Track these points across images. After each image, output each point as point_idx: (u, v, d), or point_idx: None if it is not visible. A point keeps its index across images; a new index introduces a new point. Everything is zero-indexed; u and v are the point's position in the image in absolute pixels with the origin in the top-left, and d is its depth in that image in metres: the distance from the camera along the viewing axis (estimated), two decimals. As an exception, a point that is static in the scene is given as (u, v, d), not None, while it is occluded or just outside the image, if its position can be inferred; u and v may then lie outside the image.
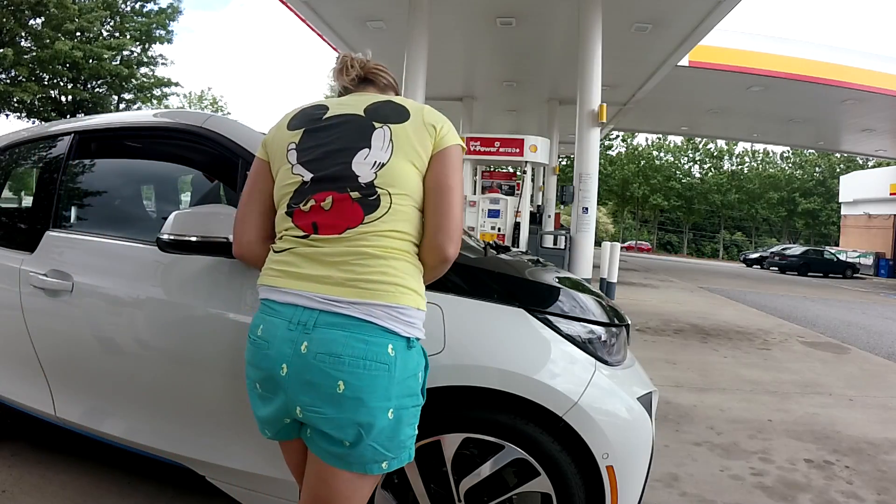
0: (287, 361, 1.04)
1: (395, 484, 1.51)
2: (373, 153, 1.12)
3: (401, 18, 7.99)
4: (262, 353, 1.09)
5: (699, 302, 9.53)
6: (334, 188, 1.10)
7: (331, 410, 1.02)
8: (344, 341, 1.01)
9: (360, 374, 1.01)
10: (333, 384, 1.01)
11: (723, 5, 7.85)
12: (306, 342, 1.03)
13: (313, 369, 1.02)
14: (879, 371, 4.99)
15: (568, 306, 1.55)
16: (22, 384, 1.96)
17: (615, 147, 39.84)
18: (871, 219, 26.27)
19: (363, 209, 1.09)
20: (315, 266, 1.08)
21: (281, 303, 1.09)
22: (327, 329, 1.03)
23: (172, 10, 21.73)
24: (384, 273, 1.06)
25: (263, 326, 1.10)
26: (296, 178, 1.14)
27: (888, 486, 2.50)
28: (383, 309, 1.04)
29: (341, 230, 1.08)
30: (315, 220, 1.10)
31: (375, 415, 1.02)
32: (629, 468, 1.45)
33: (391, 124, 1.15)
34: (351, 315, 1.03)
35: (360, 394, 1.01)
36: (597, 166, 7.41)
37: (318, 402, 1.02)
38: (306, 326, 1.04)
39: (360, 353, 1.01)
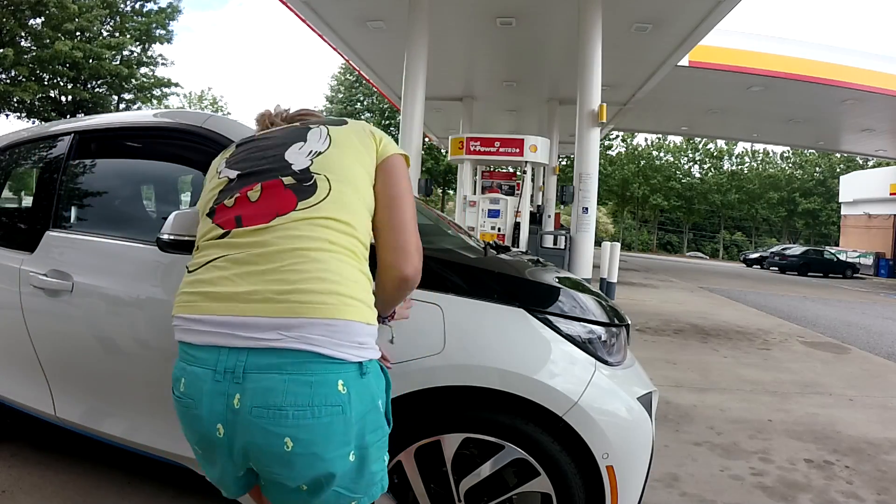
0: (221, 421, 0.86)
1: (395, 484, 1.51)
2: (309, 144, 1.01)
3: (401, 18, 7.99)
4: (190, 414, 0.90)
5: (699, 302, 9.53)
6: (265, 178, 0.98)
7: (283, 470, 0.86)
8: (283, 388, 0.82)
9: (309, 426, 0.83)
10: (279, 443, 0.83)
11: (723, 5, 7.84)
12: (238, 394, 0.84)
13: (252, 428, 0.84)
14: (879, 371, 4.99)
15: (568, 306, 1.55)
16: (22, 384, 1.96)
17: (615, 147, 39.82)
18: (871, 219, 26.27)
19: (296, 194, 0.93)
20: (234, 281, 0.88)
21: (199, 346, 0.89)
22: (260, 375, 0.83)
23: (172, 10, 21.73)
24: (321, 279, 0.87)
25: (186, 380, 0.90)
26: (221, 180, 1.03)
27: (888, 486, 2.50)
28: (322, 329, 0.84)
29: (269, 219, 0.91)
30: (239, 213, 0.94)
31: (335, 464, 0.86)
32: (629, 468, 1.45)
33: (329, 126, 1.08)
34: (285, 348, 0.83)
35: (312, 448, 0.84)
36: (597, 166, 7.41)
37: (267, 462, 0.86)
38: (235, 374, 0.84)
39: (304, 401, 0.82)
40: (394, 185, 1.04)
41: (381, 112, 35.06)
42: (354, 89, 35.71)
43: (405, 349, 1.43)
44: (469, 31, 9.61)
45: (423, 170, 11.56)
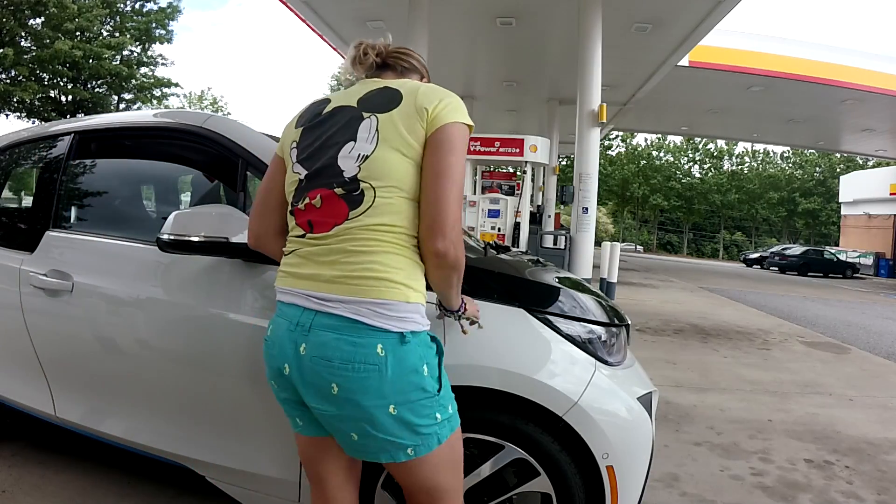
0: (289, 361, 1.08)
1: (394, 484, 1.50)
2: (357, 145, 1.08)
3: (401, 18, 7.98)
4: (269, 353, 1.13)
5: (699, 302, 9.53)
6: (323, 185, 1.10)
7: (331, 408, 1.05)
8: (334, 344, 1.02)
9: (349, 377, 1.02)
10: (328, 386, 1.03)
11: (723, 5, 7.85)
12: (304, 344, 1.05)
13: (309, 371, 1.05)
14: (879, 371, 4.99)
15: (568, 306, 1.55)
16: (22, 384, 1.96)
17: (615, 147, 39.82)
18: (871, 219, 26.28)
19: (348, 205, 1.07)
20: (310, 265, 1.09)
21: (286, 303, 1.12)
22: (321, 331, 1.04)
23: (172, 10, 21.71)
24: (369, 269, 1.04)
25: (272, 327, 1.14)
26: (295, 178, 1.16)
27: (888, 486, 2.50)
28: (369, 306, 1.03)
29: (330, 227, 1.08)
30: (310, 219, 1.11)
31: (373, 412, 1.03)
32: (629, 468, 1.45)
33: (378, 113, 1.10)
34: (341, 315, 1.04)
35: (351, 395, 1.02)
36: (597, 166, 7.41)
37: (320, 400, 1.06)
38: (304, 328, 1.06)
39: (348, 357, 1.02)
40: (439, 160, 1.06)
41: (381, 112, 34.97)
42: (354, 89, 35.63)
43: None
44: (469, 31, 9.62)
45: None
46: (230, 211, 1.49)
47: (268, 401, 1.56)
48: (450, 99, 1.11)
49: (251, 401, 1.58)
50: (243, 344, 1.55)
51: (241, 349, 1.55)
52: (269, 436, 1.57)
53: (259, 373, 1.54)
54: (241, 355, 1.56)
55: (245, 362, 1.55)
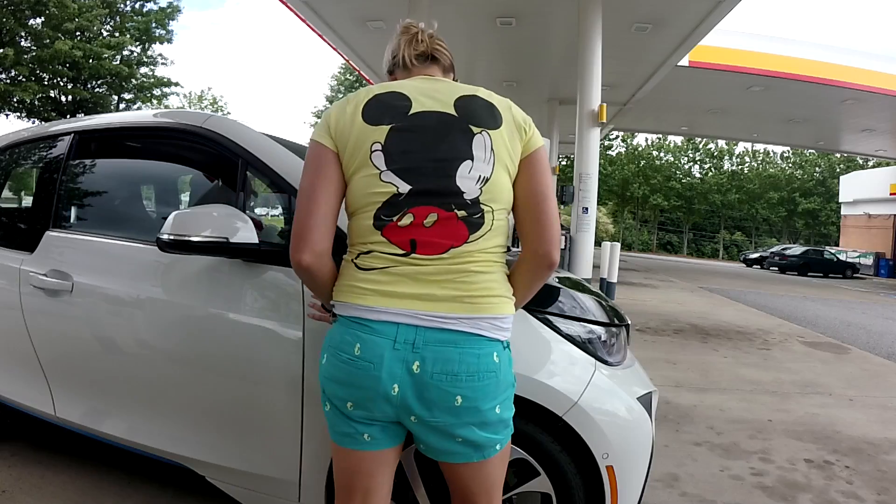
0: (399, 381, 1.03)
1: (394, 484, 1.50)
2: (476, 165, 1.04)
3: (401, 18, 7.98)
4: (364, 374, 1.03)
5: (699, 302, 9.53)
6: (439, 204, 1.03)
7: (448, 419, 1.04)
8: (459, 359, 1.02)
9: (475, 387, 1.03)
10: (451, 399, 1.03)
11: (723, 5, 7.85)
12: (418, 362, 1.02)
13: (430, 388, 1.02)
14: (879, 371, 4.99)
15: (568, 306, 1.55)
16: (22, 384, 1.96)
17: (615, 147, 39.81)
18: (871, 219, 26.27)
19: (468, 228, 1.05)
20: (415, 284, 1.04)
21: (377, 321, 1.04)
22: (439, 347, 1.02)
23: (172, 10, 21.71)
24: (488, 288, 1.06)
25: (361, 345, 1.04)
26: (387, 188, 1.03)
27: (888, 486, 2.50)
28: (490, 321, 1.05)
29: (444, 249, 1.03)
30: (414, 238, 1.03)
31: (487, 415, 1.06)
32: (629, 468, 1.45)
33: (489, 130, 1.06)
34: (460, 330, 1.03)
35: (475, 403, 1.04)
36: (597, 166, 7.41)
37: (436, 413, 1.04)
38: (413, 345, 1.02)
39: (474, 369, 1.03)
40: (540, 180, 1.11)
41: (381, 112, 34.96)
42: (354, 89, 35.63)
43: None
44: (469, 31, 9.62)
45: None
46: (229, 211, 1.49)
47: (268, 401, 1.56)
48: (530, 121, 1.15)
49: (251, 401, 1.58)
50: (243, 344, 1.55)
51: (241, 349, 1.56)
52: (269, 436, 1.57)
53: (259, 373, 1.55)
54: (241, 355, 1.56)
55: (245, 362, 1.56)
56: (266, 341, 1.54)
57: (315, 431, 1.50)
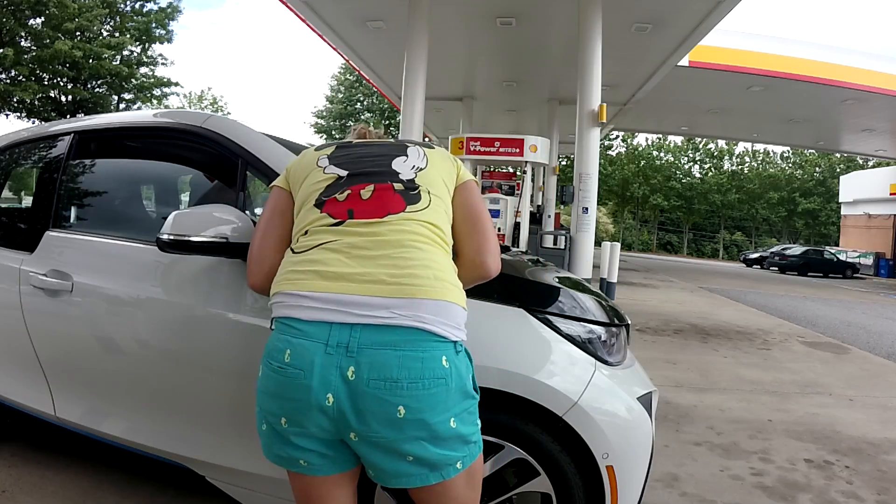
0: (333, 391, 0.93)
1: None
2: (410, 160, 1.17)
3: (401, 18, 7.98)
4: (295, 384, 0.95)
5: (699, 302, 9.53)
6: (376, 180, 1.11)
7: (391, 433, 0.95)
8: (398, 363, 0.93)
9: (419, 396, 0.94)
10: (392, 410, 0.93)
11: (723, 5, 7.84)
12: (352, 367, 0.93)
13: (367, 397, 0.93)
14: (879, 371, 4.99)
15: (568, 306, 1.55)
16: (22, 384, 1.96)
17: (615, 147, 39.79)
18: (871, 219, 26.26)
19: (405, 199, 1.08)
20: (347, 263, 0.98)
21: (308, 321, 0.96)
22: (376, 350, 0.93)
23: (172, 10, 21.71)
24: (428, 266, 0.99)
25: (291, 351, 0.96)
26: (329, 175, 1.13)
27: (888, 486, 2.50)
28: (432, 308, 0.96)
29: (382, 214, 1.04)
30: (351, 207, 1.06)
31: (438, 429, 0.96)
32: (629, 468, 1.45)
33: (423, 148, 1.24)
34: (397, 325, 0.94)
35: (420, 415, 0.94)
36: (597, 166, 7.40)
37: (376, 427, 0.95)
38: (349, 348, 0.94)
39: (417, 374, 0.94)
40: (476, 201, 1.22)
41: (381, 112, 35.03)
42: (354, 89, 35.66)
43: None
44: (469, 31, 9.61)
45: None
46: (229, 211, 1.49)
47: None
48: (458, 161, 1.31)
49: (251, 401, 1.57)
50: (243, 344, 1.55)
51: (241, 349, 1.55)
52: (269, 436, 1.57)
53: (258, 373, 1.55)
54: (241, 355, 1.56)
55: (245, 362, 1.55)
56: (266, 341, 1.53)
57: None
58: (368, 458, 0.99)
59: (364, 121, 3.91)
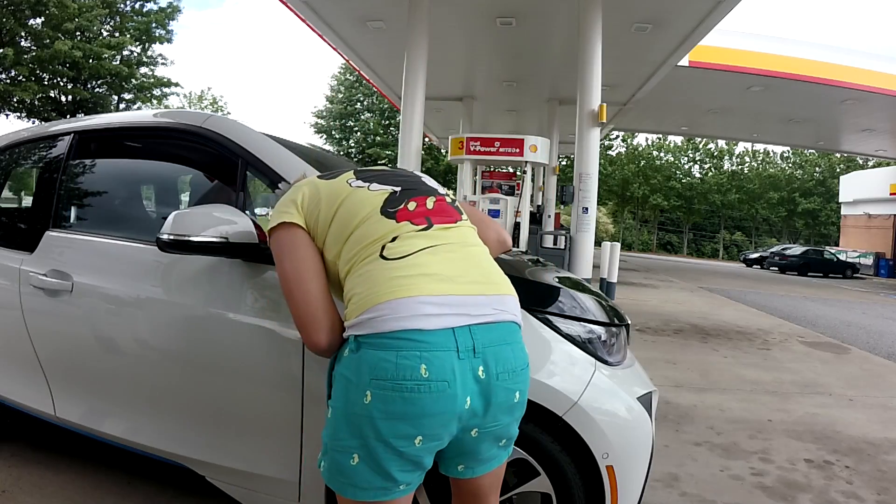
0: (470, 392, 0.95)
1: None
2: (429, 180, 1.27)
3: (401, 18, 7.98)
4: (443, 397, 0.91)
5: (699, 302, 9.53)
6: (430, 193, 1.17)
7: (506, 418, 1.04)
8: (514, 355, 1.03)
9: (527, 378, 1.07)
10: (512, 397, 1.02)
11: (723, 5, 7.84)
12: (482, 366, 0.96)
13: (497, 390, 0.99)
14: (879, 371, 5.00)
15: (568, 306, 1.55)
16: (22, 384, 1.96)
17: (615, 147, 39.78)
18: (871, 219, 26.26)
19: (456, 210, 1.18)
20: (448, 265, 1.02)
21: (432, 330, 0.92)
22: (496, 347, 0.99)
23: (172, 10, 21.71)
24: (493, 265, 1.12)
25: (428, 367, 0.90)
26: (381, 192, 1.13)
27: (888, 486, 2.50)
28: (512, 302, 1.07)
29: (454, 220, 1.13)
30: (427, 216, 1.10)
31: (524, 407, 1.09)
32: (629, 468, 1.45)
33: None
34: (503, 321, 1.02)
35: (525, 396, 1.07)
36: (597, 166, 7.41)
37: (497, 415, 1.01)
38: (471, 351, 0.95)
39: (524, 362, 1.06)
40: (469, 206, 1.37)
41: (381, 112, 35.02)
42: (354, 89, 35.64)
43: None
44: (469, 31, 9.61)
45: (423, 170, 11.58)
46: (230, 211, 1.49)
47: (268, 401, 1.56)
48: None
49: (251, 401, 1.58)
50: (243, 344, 1.55)
51: (241, 349, 1.55)
52: (270, 436, 1.57)
53: (259, 373, 1.55)
54: (241, 355, 1.56)
55: (245, 362, 1.56)
56: (266, 341, 1.54)
57: (315, 431, 1.50)
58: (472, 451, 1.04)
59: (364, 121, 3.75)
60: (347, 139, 35.90)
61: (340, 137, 35.90)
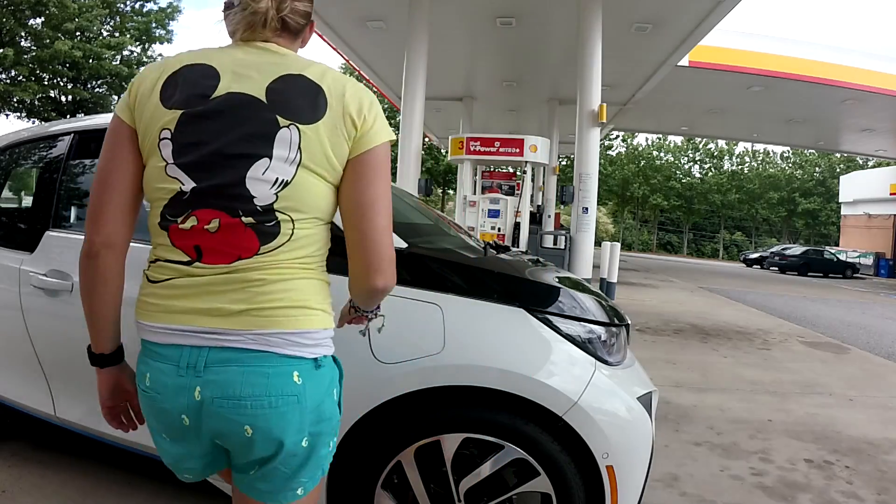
0: (185, 412, 0.89)
1: (395, 484, 1.51)
2: (274, 166, 0.87)
3: (401, 18, 7.99)
4: (156, 407, 0.92)
5: (699, 302, 9.53)
6: (223, 208, 0.88)
7: (241, 450, 0.91)
8: (241, 380, 0.86)
9: (266, 416, 0.87)
10: (240, 430, 0.87)
11: (723, 5, 7.84)
12: (199, 387, 0.87)
13: (214, 417, 0.88)
14: (879, 371, 5.00)
15: (568, 306, 1.55)
16: (22, 384, 1.96)
17: (615, 147, 39.81)
18: (871, 219, 26.27)
19: (259, 238, 0.88)
20: (200, 298, 0.89)
21: (163, 344, 0.90)
22: (220, 368, 0.87)
23: (172, 10, 21.74)
24: (284, 298, 0.89)
25: (150, 375, 0.91)
26: (172, 184, 0.89)
27: (888, 486, 2.50)
28: (283, 336, 0.88)
29: (232, 259, 0.88)
30: (198, 244, 0.89)
31: (289, 449, 0.90)
32: (629, 468, 1.45)
33: (301, 124, 0.88)
34: (244, 348, 0.87)
35: (270, 435, 0.88)
36: (597, 166, 7.41)
37: (230, 445, 0.92)
38: (196, 369, 0.88)
39: (261, 391, 0.86)
40: (366, 188, 0.91)
41: (381, 112, 34.96)
42: (354, 89, 35.61)
43: (405, 349, 1.43)
44: (469, 31, 9.62)
45: (423, 170, 11.58)
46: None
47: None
48: (377, 106, 0.95)
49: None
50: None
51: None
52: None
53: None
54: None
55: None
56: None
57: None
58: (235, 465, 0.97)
59: None
60: (347, 139, 35.80)
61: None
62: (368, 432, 1.48)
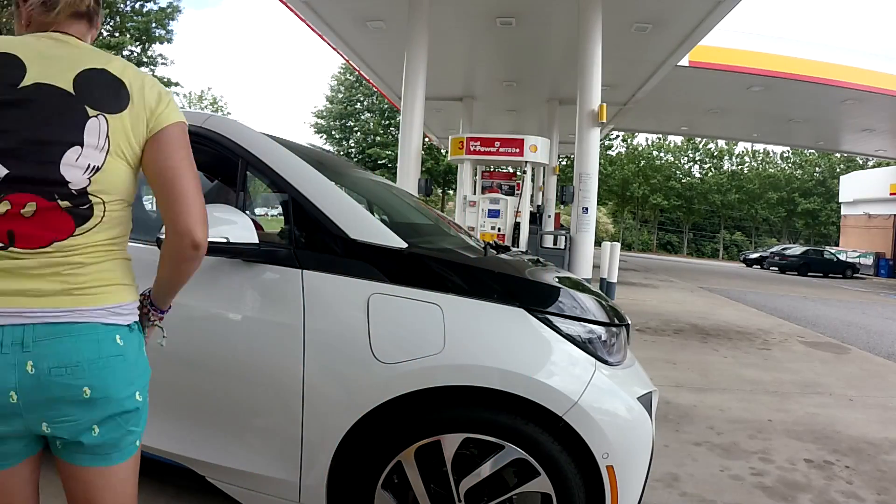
0: (14, 388, 0.92)
1: (395, 484, 1.51)
2: (86, 153, 0.96)
3: (401, 18, 7.99)
4: None
5: (699, 302, 9.53)
6: (39, 192, 0.93)
7: (81, 414, 0.97)
8: (77, 347, 0.95)
9: (101, 374, 0.97)
10: (78, 392, 0.95)
11: (723, 5, 7.85)
12: (31, 361, 0.92)
13: (53, 385, 0.94)
14: (879, 371, 5.00)
15: (568, 306, 1.55)
16: None
17: (615, 147, 39.81)
18: (871, 219, 26.27)
19: (74, 220, 0.96)
20: (17, 280, 0.94)
21: None
22: (53, 341, 0.94)
23: (172, 10, 21.75)
24: (100, 279, 1.00)
25: None
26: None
27: (888, 486, 2.50)
28: (101, 311, 0.99)
29: (46, 242, 0.94)
30: (11, 229, 0.93)
31: (125, 403, 1.01)
32: (629, 468, 1.45)
33: (107, 114, 0.98)
34: (72, 322, 0.96)
35: (106, 392, 0.98)
36: (597, 166, 7.41)
37: (66, 410, 0.96)
38: (24, 345, 0.92)
39: (94, 355, 0.97)
40: (169, 157, 1.05)
41: (381, 112, 35.04)
42: (354, 89, 35.67)
43: (405, 349, 1.43)
44: (469, 31, 9.62)
45: (423, 170, 11.57)
46: (230, 211, 1.49)
47: (268, 401, 1.56)
48: (170, 96, 1.08)
49: (251, 401, 1.58)
50: (243, 344, 1.55)
51: (241, 349, 1.56)
52: (270, 436, 1.58)
53: (259, 373, 1.55)
54: (240, 355, 1.56)
55: (245, 362, 1.56)
56: (266, 341, 1.54)
57: (316, 431, 1.50)
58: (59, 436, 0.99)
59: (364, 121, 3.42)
60: (347, 139, 35.93)
61: (340, 137, 35.92)
62: (369, 432, 1.48)
